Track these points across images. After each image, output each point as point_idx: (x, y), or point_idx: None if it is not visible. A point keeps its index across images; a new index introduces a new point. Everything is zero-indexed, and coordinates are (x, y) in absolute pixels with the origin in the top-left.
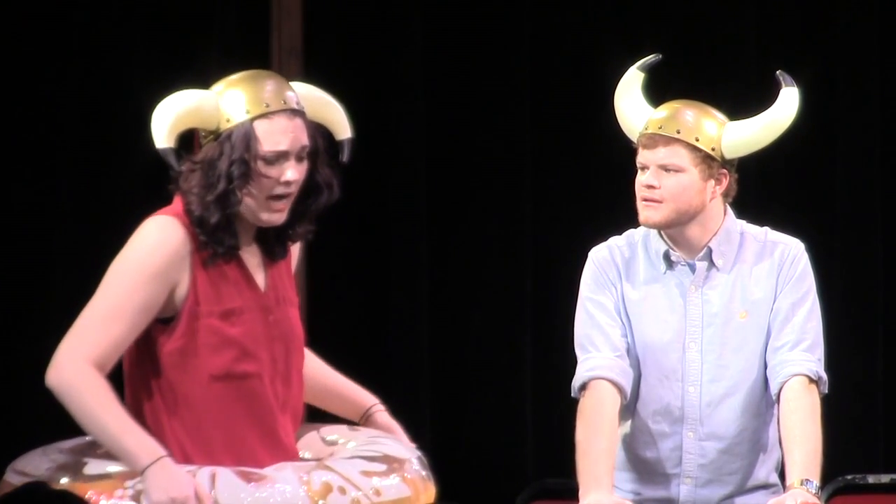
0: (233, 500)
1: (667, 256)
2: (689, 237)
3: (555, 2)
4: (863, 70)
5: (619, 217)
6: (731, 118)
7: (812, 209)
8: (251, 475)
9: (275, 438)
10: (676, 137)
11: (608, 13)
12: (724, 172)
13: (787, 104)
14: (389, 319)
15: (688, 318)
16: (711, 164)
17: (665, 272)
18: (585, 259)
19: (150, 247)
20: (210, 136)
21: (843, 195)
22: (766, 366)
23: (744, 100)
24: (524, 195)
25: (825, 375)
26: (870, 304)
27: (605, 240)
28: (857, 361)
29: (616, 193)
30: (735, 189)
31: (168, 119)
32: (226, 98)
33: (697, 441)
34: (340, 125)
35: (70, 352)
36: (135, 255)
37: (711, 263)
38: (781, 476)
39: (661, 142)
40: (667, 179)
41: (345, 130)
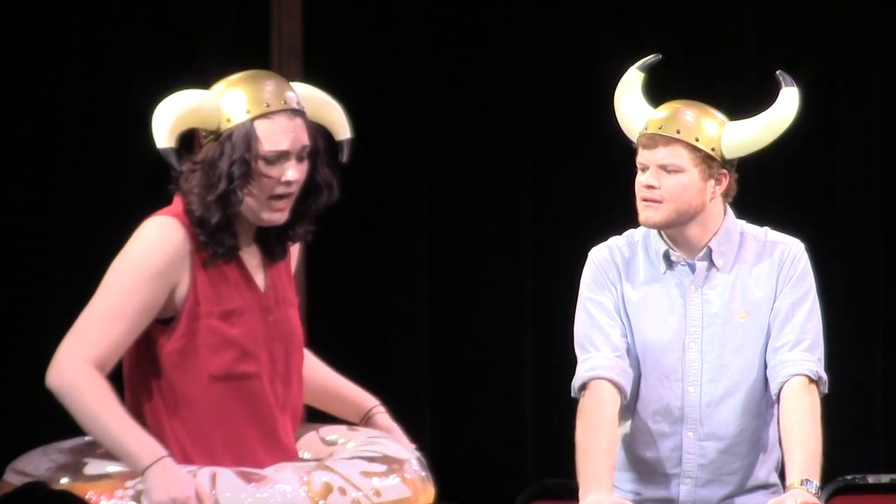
0: (233, 501)
1: (667, 256)
2: (689, 237)
3: (555, 2)
4: (863, 70)
5: (619, 217)
6: (731, 118)
7: (812, 209)
8: (252, 475)
9: (274, 439)
10: (676, 137)
11: (608, 13)
12: (724, 172)
13: (787, 104)
14: (389, 319)
15: (688, 318)
16: (711, 164)
17: (665, 272)
18: (585, 259)
19: (150, 247)
20: (210, 137)
21: (843, 195)
22: (766, 366)
23: (744, 100)
24: (524, 195)
25: (825, 375)
26: (870, 304)
27: (605, 240)
28: (857, 361)
29: (616, 193)
30: (735, 189)
31: (169, 119)
32: (226, 98)
33: (697, 441)
34: (340, 125)
35: (70, 352)
36: (135, 256)
37: (711, 263)
38: (781, 476)
39: (661, 142)
40: (667, 179)
41: (344, 131)
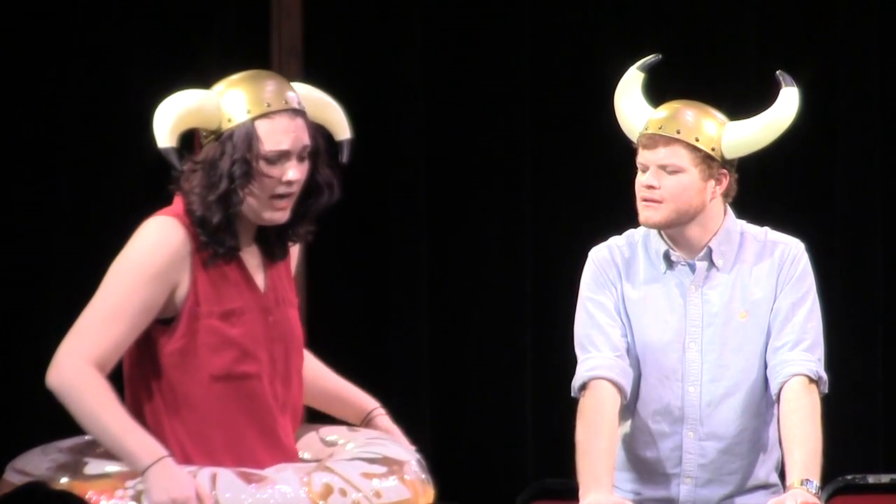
0: (234, 501)
1: (667, 256)
2: (689, 237)
3: (555, 2)
4: (863, 70)
5: (619, 217)
6: (731, 118)
7: (812, 209)
8: (252, 476)
9: (274, 439)
10: (676, 138)
11: (608, 13)
12: (724, 172)
13: (787, 104)
14: (389, 319)
15: (688, 318)
16: (711, 165)
17: (665, 272)
18: (585, 259)
19: (151, 247)
20: (211, 136)
21: (843, 195)
22: (766, 366)
23: (744, 100)
24: (524, 195)
25: (825, 375)
26: (870, 304)
27: (605, 240)
28: (857, 361)
29: (616, 193)
30: (735, 189)
31: (170, 118)
32: (227, 98)
33: (697, 441)
34: (340, 126)
35: (70, 352)
36: (135, 256)
37: (711, 263)
38: (781, 476)
39: (661, 142)
40: (667, 180)
41: (344, 131)
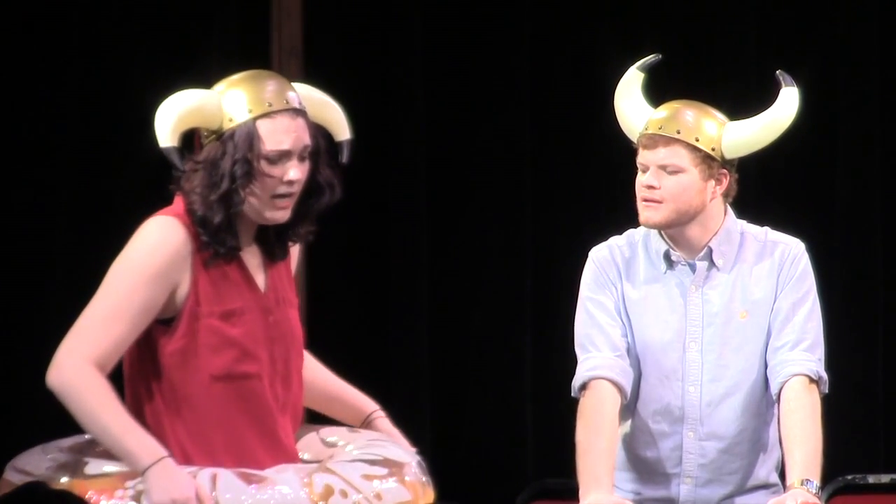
0: (234, 502)
1: (667, 256)
2: (690, 237)
3: (555, 2)
4: (863, 70)
5: (619, 217)
6: (731, 118)
7: (812, 209)
8: (252, 477)
9: (275, 439)
10: (676, 138)
11: (608, 13)
12: (725, 172)
13: (787, 104)
14: (389, 319)
15: (688, 318)
16: (711, 165)
17: (665, 272)
18: (585, 259)
19: (151, 247)
20: (212, 136)
21: (843, 195)
22: (767, 365)
23: (744, 100)
24: (524, 195)
25: (825, 375)
26: (870, 304)
27: (606, 240)
28: (857, 361)
29: (616, 193)
30: (735, 189)
31: (171, 118)
32: (228, 98)
33: (697, 441)
34: (340, 126)
35: (70, 352)
36: (136, 256)
37: (712, 263)
38: (781, 476)
39: (662, 142)
40: (667, 180)
41: (344, 131)
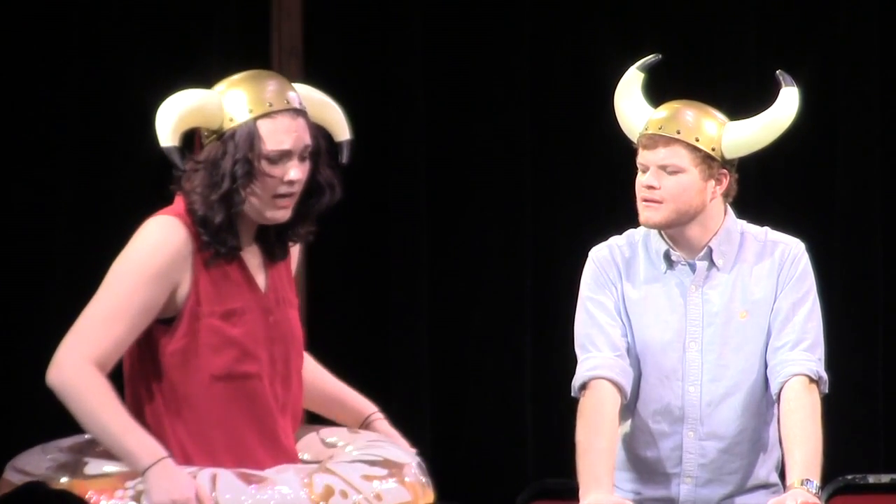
0: (234, 502)
1: (667, 256)
2: (690, 237)
3: (555, 2)
4: (863, 70)
5: (619, 217)
6: (731, 118)
7: (812, 209)
8: (252, 477)
9: (274, 440)
10: (676, 138)
11: (608, 13)
12: (725, 172)
13: (787, 104)
14: (389, 319)
15: (688, 318)
16: (711, 165)
17: (665, 272)
18: (585, 259)
19: (152, 247)
20: (213, 136)
21: (843, 195)
22: (767, 365)
23: (744, 100)
24: (524, 195)
25: (825, 375)
26: (870, 304)
27: (605, 240)
28: (857, 361)
29: (616, 193)
30: (735, 189)
31: (172, 118)
32: (228, 98)
33: (697, 441)
34: (339, 126)
35: (71, 351)
36: (136, 256)
37: (712, 263)
38: (781, 476)
39: (662, 142)
40: (667, 180)
41: (344, 132)
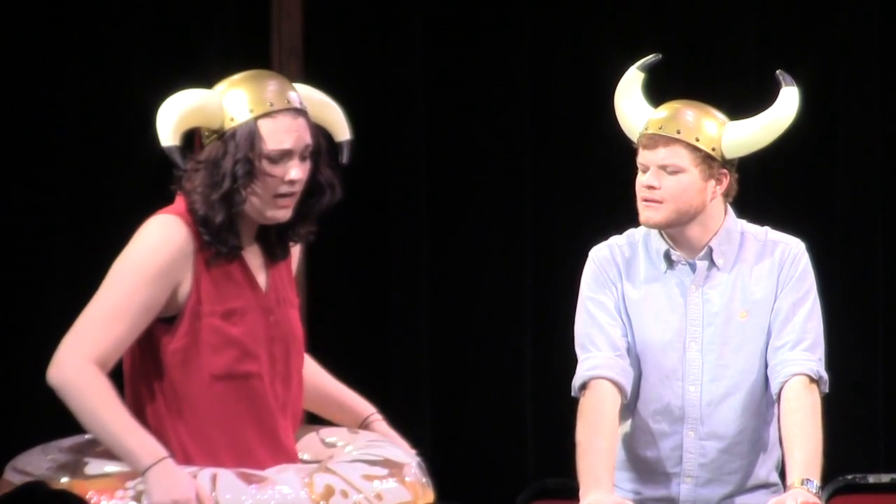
0: (234, 502)
1: (667, 256)
2: (690, 237)
3: (555, 2)
4: (863, 70)
5: (619, 217)
6: (731, 118)
7: (812, 209)
8: (252, 477)
9: (275, 439)
10: (677, 138)
11: (608, 13)
12: (725, 172)
13: (787, 104)
14: (389, 319)
15: (688, 318)
16: (712, 164)
17: (666, 271)
18: (585, 259)
19: (153, 246)
20: (213, 136)
21: (843, 195)
22: (767, 365)
23: (744, 100)
24: (524, 195)
25: (826, 375)
26: (870, 304)
27: (606, 239)
28: (857, 361)
29: (616, 193)
30: (735, 189)
31: (173, 117)
32: (229, 97)
33: (698, 440)
34: (339, 126)
35: (71, 350)
36: (138, 255)
37: (712, 263)
38: (782, 475)
39: (662, 142)
40: (667, 180)
41: (344, 132)
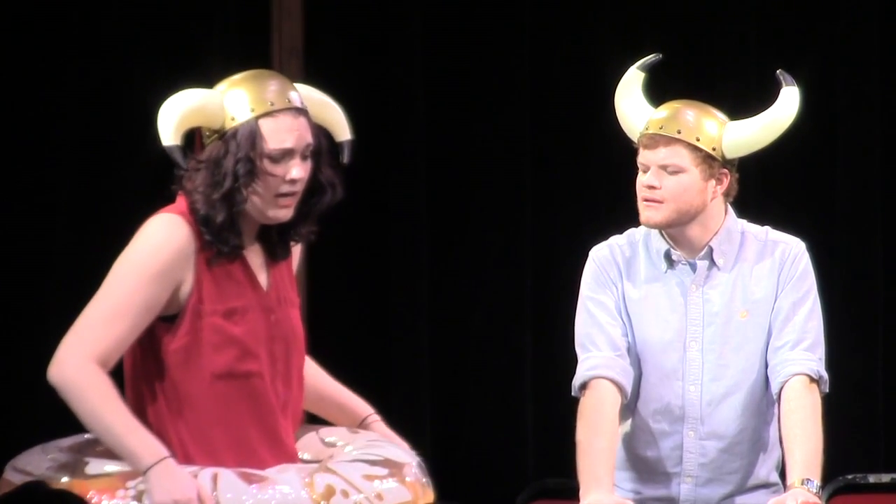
0: (235, 502)
1: (668, 255)
2: (690, 237)
3: (554, 1)
4: (863, 70)
5: (619, 217)
6: (732, 118)
7: (812, 209)
8: (253, 477)
9: (276, 438)
10: (677, 137)
11: (608, 13)
12: (725, 172)
13: (788, 103)
14: (389, 320)
15: (688, 318)
16: (712, 164)
17: (666, 271)
18: (585, 259)
19: (155, 245)
20: (214, 136)
21: (843, 195)
22: (767, 365)
23: (744, 100)
24: (524, 195)
25: (826, 375)
26: (870, 304)
27: (606, 239)
28: (857, 361)
29: (616, 193)
30: (736, 189)
31: (174, 117)
32: (230, 97)
33: (698, 440)
34: (340, 126)
35: (72, 348)
36: (139, 254)
37: (712, 262)
38: (782, 475)
39: (662, 142)
40: (668, 180)
41: (344, 132)
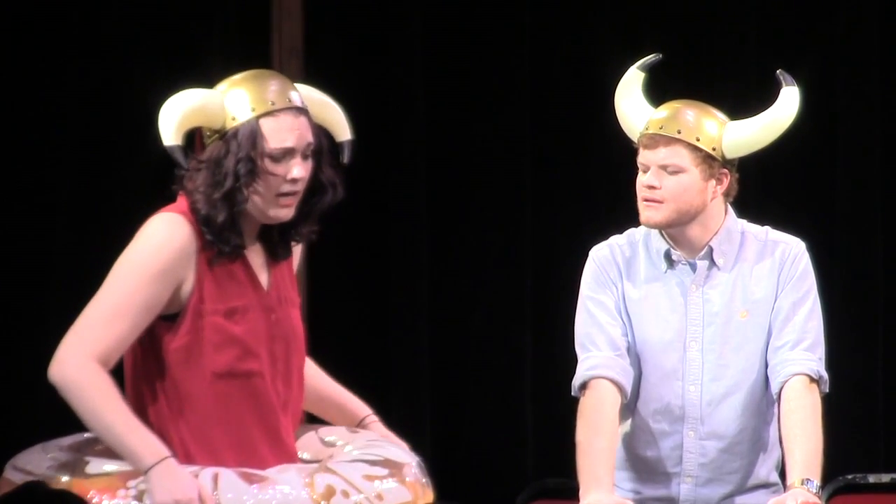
0: (235, 502)
1: (668, 255)
2: (690, 237)
3: (554, 1)
4: (863, 70)
5: (619, 217)
6: (732, 118)
7: (812, 209)
8: (253, 476)
9: (276, 437)
10: (677, 137)
11: (608, 13)
12: (725, 172)
13: (788, 103)
14: (389, 320)
15: (688, 318)
16: (712, 164)
17: (666, 271)
18: (585, 259)
19: (156, 245)
20: (215, 135)
21: (843, 195)
22: (767, 365)
23: (744, 100)
24: (524, 195)
25: (826, 375)
26: (870, 304)
27: (606, 239)
28: (857, 361)
29: (616, 193)
30: (736, 189)
31: (175, 117)
32: (230, 97)
33: (698, 440)
34: (340, 126)
35: (73, 347)
36: (140, 253)
37: (712, 262)
38: (782, 475)
39: (662, 142)
40: (668, 180)
41: (345, 132)
